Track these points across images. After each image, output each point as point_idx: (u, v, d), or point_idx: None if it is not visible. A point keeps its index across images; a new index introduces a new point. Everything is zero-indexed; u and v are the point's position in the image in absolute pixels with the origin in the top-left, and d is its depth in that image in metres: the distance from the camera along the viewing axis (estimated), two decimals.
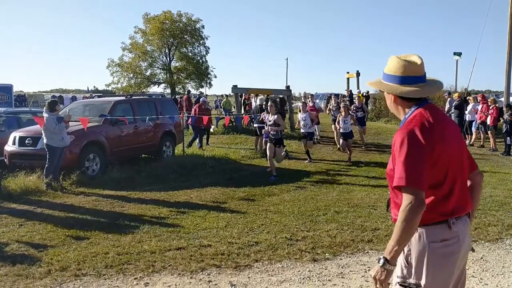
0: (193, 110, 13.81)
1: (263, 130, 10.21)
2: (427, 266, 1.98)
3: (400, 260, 2.06)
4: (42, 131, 7.82)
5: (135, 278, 3.98)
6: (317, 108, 14.97)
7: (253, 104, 17.28)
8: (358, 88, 27.05)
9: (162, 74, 42.87)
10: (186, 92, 27.10)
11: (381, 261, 1.92)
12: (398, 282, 2.07)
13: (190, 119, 13.74)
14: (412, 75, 2.09)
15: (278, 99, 17.40)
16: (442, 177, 1.98)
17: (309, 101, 15.07)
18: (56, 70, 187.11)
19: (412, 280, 2.02)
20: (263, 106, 14.36)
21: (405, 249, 2.04)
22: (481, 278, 4.04)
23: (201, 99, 14.84)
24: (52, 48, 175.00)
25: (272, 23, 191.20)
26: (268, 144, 9.35)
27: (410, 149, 1.92)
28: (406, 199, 1.88)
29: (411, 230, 1.87)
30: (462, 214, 2.07)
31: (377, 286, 1.96)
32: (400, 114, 2.18)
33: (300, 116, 11.71)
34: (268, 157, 9.24)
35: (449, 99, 16.02)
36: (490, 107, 13.17)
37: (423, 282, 1.99)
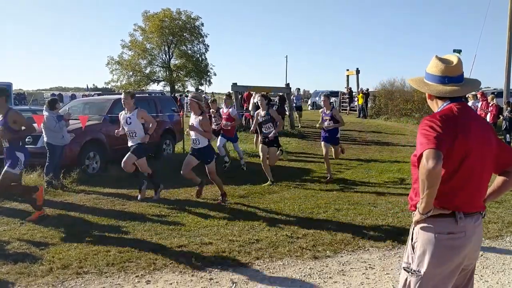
0: None
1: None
2: (430, 256, 2.07)
3: (408, 247, 2.20)
4: (42, 130, 7.82)
5: (136, 276, 4.00)
6: (233, 116, 9.71)
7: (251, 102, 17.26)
8: (358, 85, 27.02)
9: (162, 72, 42.91)
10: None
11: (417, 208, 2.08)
12: (403, 267, 2.20)
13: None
14: (450, 75, 2.19)
15: (278, 97, 17.43)
16: (454, 169, 2.04)
17: (224, 106, 9.95)
18: (55, 69, 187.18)
19: (414, 266, 2.12)
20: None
21: (414, 237, 2.15)
22: (481, 275, 4.06)
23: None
24: (52, 48, 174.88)
25: (272, 21, 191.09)
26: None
27: (428, 126, 2.02)
28: (423, 158, 1.92)
29: (428, 183, 1.91)
30: (474, 211, 2.12)
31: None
32: (434, 108, 2.29)
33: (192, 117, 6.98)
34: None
35: None
36: (490, 104, 13.18)
37: (423, 270, 2.09)
